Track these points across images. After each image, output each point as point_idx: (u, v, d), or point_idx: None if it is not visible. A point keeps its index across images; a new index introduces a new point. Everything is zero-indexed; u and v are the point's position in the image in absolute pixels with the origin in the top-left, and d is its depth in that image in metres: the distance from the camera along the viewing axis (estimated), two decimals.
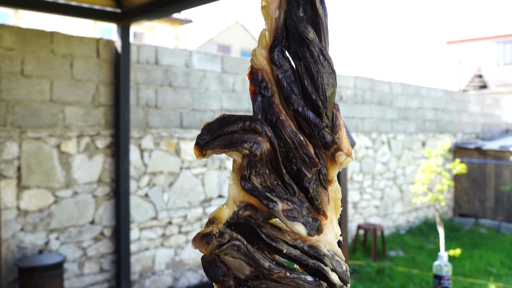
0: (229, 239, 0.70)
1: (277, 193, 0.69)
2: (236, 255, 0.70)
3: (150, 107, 5.95)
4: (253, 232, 0.71)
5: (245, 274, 0.71)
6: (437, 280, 2.60)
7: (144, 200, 5.94)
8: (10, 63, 4.92)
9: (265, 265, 0.70)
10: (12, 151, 4.93)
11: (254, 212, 0.71)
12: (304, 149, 0.69)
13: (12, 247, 4.94)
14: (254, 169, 0.68)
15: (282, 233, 0.71)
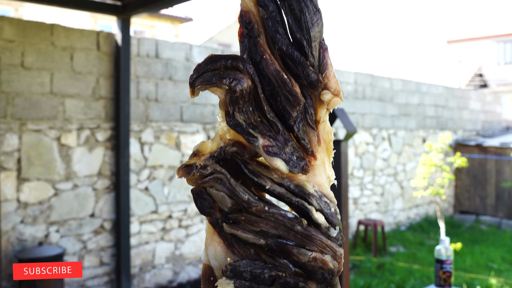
0: (212, 171, 0.72)
1: (260, 130, 0.70)
2: (219, 188, 0.72)
3: (150, 101, 5.95)
4: (238, 167, 0.72)
5: (227, 207, 0.73)
6: (439, 264, 2.59)
7: (144, 193, 5.93)
8: (10, 55, 4.91)
9: (244, 198, 0.72)
10: (12, 143, 4.92)
11: (241, 149, 0.72)
12: (287, 87, 0.70)
13: (12, 239, 4.94)
14: (237, 106, 0.69)
15: (269, 170, 0.72)
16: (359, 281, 6.21)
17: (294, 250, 0.71)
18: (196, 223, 6.43)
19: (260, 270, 0.72)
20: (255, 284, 0.72)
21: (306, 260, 0.71)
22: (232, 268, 0.71)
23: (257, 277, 0.72)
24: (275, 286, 0.72)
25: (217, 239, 0.75)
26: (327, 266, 0.71)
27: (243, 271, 0.71)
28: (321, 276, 0.72)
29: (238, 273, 0.71)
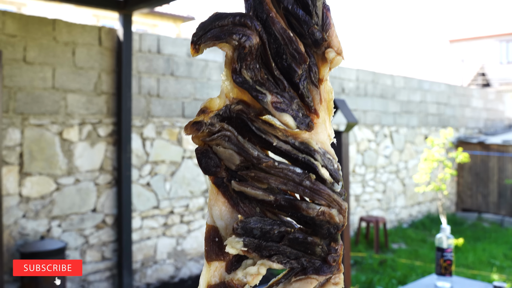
0: (219, 128, 0.72)
1: (267, 87, 0.71)
2: (226, 145, 0.72)
3: (152, 96, 5.96)
4: (244, 125, 0.73)
5: (235, 164, 0.72)
6: (440, 253, 2.59)
7: (146, 189, 5.94)
8: (12, 50, 4.93)
9: (254, 154, 0.72)
10: (14, 137, 4.93)
11: (246, 107, 0.72)
12: (293, 45, 0.70)
13: (14, 234, 4.95)
14: (245, 63, 0.69)
15: (274, 128, 0.73)
16: (361, 277, 6.21)
17: (303, 205, 0.72)
18: (198, 219, 6.43)
19: (270, 226, 0.73)
20: (263, 241, 0.73)
21: (314, 214, 0.71)
22: (243, 225, 0.72)
23: (266, 233, 0.72)
24: (284, 241, 0.73)
25: (222, 199, 0.75)
26: (333, 219, 0.72)
27: (253, 227, 0.72)
28: (326, 231, 0.73)
29: (249, 230, 0.72)
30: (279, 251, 0.73)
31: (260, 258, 0.73)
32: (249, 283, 0.74)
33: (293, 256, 0.73)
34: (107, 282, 5.65)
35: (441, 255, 2.60)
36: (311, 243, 0.73)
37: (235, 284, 0.74)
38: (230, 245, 0.72)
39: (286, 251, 0.73)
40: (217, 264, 0.76)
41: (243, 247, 0.72)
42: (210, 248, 0.76)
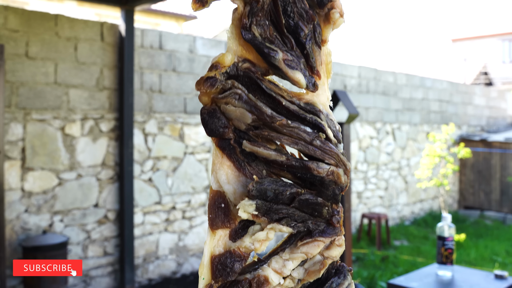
0: (231, 86, 0.70)
1: (276, 44, 0.70)
2: (237, 104, 0.71)
3: (154, 92, 5.96)
4: (252, 84, 0.72)
5: (246, 124, 0.71)
6: (441, 241, 2.59)
7: (148, 184, 5.94)
8: (14, 45, 4.94)
9: (268, 112, 0.71)
10: (17, 132, 4.94)
11: (253, 66, 0.72)
12: (301, 3, 0.70)
13: (16, 228, 4.96)
14: (255, 18, 0.68)
15: (279, 89, 0.72)
16: (362, 273, 6.21)
17: (314, 165, 0.71)
18: (200, 215, 6.43)
19: (283, 188, 0.72)
20: (274, 204, 0.72)
21: (324, 174, 0.71)
22: (258, 186, 0.71)
23: (279, 195, 0.72)
24: (294, 204, 0.72)
25: (227, 162, 0.74)
26: (340, 180, 0.72)
27: (268, 189, 0.71)
28: (331, 192, 0.72)
29: (263, 192, 0.71)
30: (288, 214, 0.72)
31: (269, 222, 0.72)
32: (256, 250, 0.73)
33: (300, 219, 0.73)
34: (109, 277, 5.66)
35: (442, 244, 2.59)
36: (320, 204, 0.73)
37: (241, 252, 0.73)
38: (243, 209, 0.71)
39: (294, 214, 0.73)
40: (221, 232, 0.75)
41: (255, 211, 0.71)
42: (215, 215, 0.74)
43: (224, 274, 0.73)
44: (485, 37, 28.32)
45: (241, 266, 0.74)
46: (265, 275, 0.74)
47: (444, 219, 2.61)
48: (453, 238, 2.58)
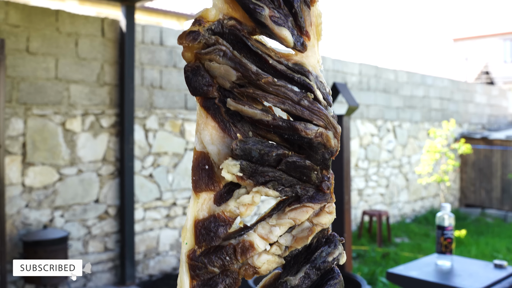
0: (215, 41, 0.69)
1: (263, 1, 0.68)
2: (221, 61, 0.68)
3: (155, 88, 5.97)
4: (238, 42, 0.70)
5: (231, 81, 0.69)
6: (440, 231, 2.59)
7: (149, 180, 5.95)
8: (15, 40, 4.94)
9: (253, 69, 0.68)
10: (17, 127, 4.95)
11: (239, 24, 0.70)
12: None
13: (17, 223, 4.96)
14: None
15: (267, 48, 0.71)
16: (363, 269, 6.20)
17: (301, 126, 0.69)
18: None
19: (269, 148, 0.69)
20: (260, 166, 0.70)
21: (312, 136, 0.69)
22: (242, 145, 0.69)
23: (264, 155, 0.69)
24: (281, 166, 0.70)
25: (212, 123, 0.72)
26: (329, 143, 0.70)
27: (252, 148, 0.69)
28: (321, 156, 0.70)
29: (247, 152, 0.69)
30: (274, 177, 0.70)
31: (254, 185, 0.70)
32: (241, 214, 0.71)
33: (288, 184, 0.71)
34: (110, 273, 5.67)
35: (441, 233, 2.59)
36: (309, 167, 0.71)
37: (226, 217, 0.71)
38: (226, 169, 0.69)
39: (281, 178, 0.71)
40: (205, 196, 0.72)
41: (239, 172, 0.69)
42: (199, 177, 0.72)
43: (208, 239, 0.72)
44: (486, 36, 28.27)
45: (225, 231, 0.72)
46: (250, 241, 0.72)
47: (443, 209, 2.61)
48: (452, 228, 2.58)
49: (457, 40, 29.68)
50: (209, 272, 0.72)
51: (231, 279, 0.72)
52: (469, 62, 26.12)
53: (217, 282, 0.72)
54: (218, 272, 0.72)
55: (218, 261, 0.71)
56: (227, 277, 0.72)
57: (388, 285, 5.44)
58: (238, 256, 0.71)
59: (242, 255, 0.71)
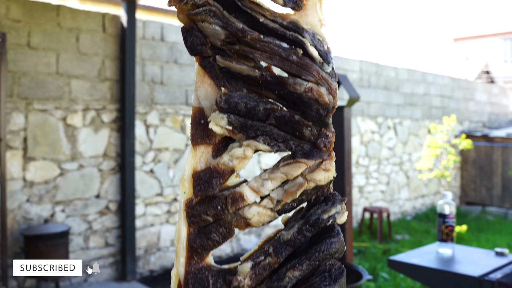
0: (204, 2, 0.70)
1: None
2: (211, 21, 0.71)
3: (156, 83, 5.97)
4: (230, 3, 0.71)
5: (220, 40, 0.71)
6: (441, 219, 2.59)
7: (150, 175, 5.95)
8: (16, 35, 4.95)
9: (239, 26, 0.70)
10: (19, 122, 4.96)
11: None
12: None
13: (18, 218, 4.97)
14: None
15: (262, 8, 0.72)
16: (364, 264, 6.20)
17: (289, 81, 0.70)
18: None
19: (255, 103, 0.71)
20: (249, 119, 0.71)
21: (302, 91, 0.69)
22: (227, 98, 0.70)
23: (251, 110, 0.71)
24: (270, 120, 0.71)
25: (208, 80, 0.74)
26: (322, 98, 0.70)
27: (238, 102, 0.71)
28: (316, 112, 0.71)
29: (233, 105, 0.71)
30: (265, 132, 0.72)
31: (245, 139, 0.72)
32: (235, 167, 0.73)
33: (281, 139, 0.72)
34: (111, 268, 5.67)
35: (442, 221, 2.59)
36: (298, 122, 0.71)
37: (220, 169, 0.73)
38: (214, 122, 0.71)
39: (273, 132, 0.72)
40: (203, 149, 0.75)
41: (228, 125, 0.71)
42: (195, 131, 0.75)
43: (203, 189, 0.74)
44: (487, 36, 28.26)
45: (219, 182, 0.74)
46: (241, 192, 0.74)
47: (444, 197, 2.61)
48: (453, 216, 2.59)
49: (457, 39, 29.69)
50: (203, 220, 0.74)
51: (225, 228, 0.75)
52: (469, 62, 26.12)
53: (211, 230, 0.75)
54: (211, 221, 0.75)
55: (211, 210, 0.74)
56: (221, 227, 0.75)
57: (388, 280, 5.45)
58: (228, 206, 0.73)
59: (232, 206, 0.73)
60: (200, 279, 0.74)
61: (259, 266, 0.72)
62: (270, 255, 0.72)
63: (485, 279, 2.13)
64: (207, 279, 0.74)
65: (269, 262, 0.72)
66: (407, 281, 5.43)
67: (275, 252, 0.72)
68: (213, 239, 0.75)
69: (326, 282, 0.71)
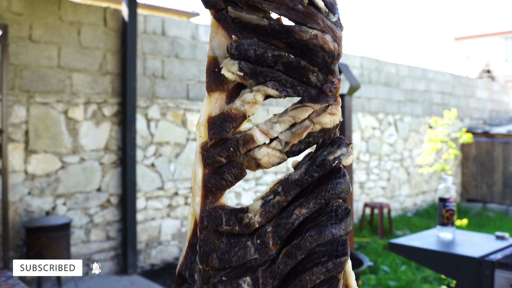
0: None
1: None
2: None
3: (157, 77, 5.99)
4: None
5: None
6: (442, 203, 2.60)
7: (151, 169, 5.96)
8: (18, 28, 4.97)
9: None
10: (20, 115, 4.97)
11: None
12: None
13: (19, 211, 4.98)
14: None
15: None
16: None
17: (296, 28, 0.73)
18: None
19: (264, 49, 0.75)
20: (258, 66, 0.75)
21: (307, 38, 0.73)
22: (237, 45, 0.75)
23: (260, 56, 0.75)
24: (278, 66, 0.75)
25: (221, 31, 0.79)
26: (327, 45, 0.73)
27: (247, 49, 0.75)
28: (321, 59, 0.74)
29: (243, 52, 0.75)
30: (274, 77, 0.75)
31: (256, 85, 0.76)
32: (246, 111, 0.77)
33: (289, 84, 0.76)
34: (112, 262, 5.68)
35: (443, 205, 2.60)
36: (304, 67, 0.75)
37: (233, 114, 0.77)
38: (226, 68, 0.75)
39: (281, 78, 0.76)
40: (217, 95, 0.80)
41: (239, 71, 0.75)
42: (210, 78, 0.79)
43: (217, 133, 0.80)
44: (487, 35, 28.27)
45: (232, 126, 0.79)
46: (251, 134, 0.78)
47: (445, 181, 2.62)
48: (454, 200, 2.60)
49: (458, 39, 29.70)
50: (217, 161, 0.80)
51: (237, 169, 0.80)
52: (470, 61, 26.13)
53: (224, 171, 0.80)
54: (224, 162, 0.80)
55: (224, 152, 0.79)
56: (233, 167, 0.80)
57: (389, 273, 5.45)
58: (240, 147, 0.78)
59: (243, 147, 0.78)
60: (214, 217, 0.80)
61: (268, 204, 0.77)
62: (279, 194, 0.77)
63: (486, 259, 2.13)
64: (221, 217, 0.79)
65: (278, 201, 0.76)
66: (408, 274, 5.44)
67: (284, 191, 0.77)
68: (226, 179, 0.80)
69: (333, 221, 0.74)
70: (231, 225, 0.79)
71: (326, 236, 0.74)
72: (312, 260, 0.76)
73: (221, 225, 0.79)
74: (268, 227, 0.77)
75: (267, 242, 0.77)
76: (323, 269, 0.75)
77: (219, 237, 0.81)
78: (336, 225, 0.74)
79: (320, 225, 0.74)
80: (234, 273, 0.80)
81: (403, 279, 5.24)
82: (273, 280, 0.77)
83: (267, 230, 0.77)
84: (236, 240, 0.79)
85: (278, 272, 0.77)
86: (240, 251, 0.78)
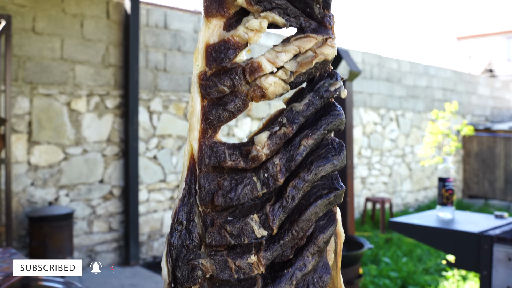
0: None
1: None
2: None
3: (159, 70, 6.01)
4: None
5: None
6: (442, 183, 2.62)
7: (153, 162, 5.99)
8: (21, 20, 5.00)
9: None
10: (23, 106, 5.00)
11: None
12: None
13: (22, 201, 5.01)
14: None
15: None
16: (366, 252, 6.22)
17: None
18: None
19: None
20: None
21: None
22: None
23: None
24: None
25: None
26: None
27: None
28: None
29: None
30: (280, 5, 0.76)
31: (262, 11, 0.76)
32: (249, 39, 0.76)
33: (293, 14, 0.77)
34: (114, 253, 5.71)
35: (443, 185, 2.62)
36: None
37: (235, 41, 0.77)
38: None
39: (287, 7, 0.77)
40: (216, 22, 0.78)
41: None
42: (210, 2, 0.77)
43: (218, 61, 0.77)
44: (490, 35, 28.23)
45: (235, 53, 0.77)
46: (259, 61, 0.77)
47: (445, 161, 2.64)
48: (453, 180, 2.61)
49: (460, 38, 29.67)
50: (219, 91, 0.77)
51: (240, 100, 0.78)
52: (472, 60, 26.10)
53: (227, 102, 0.78)
54: (227, 92, 0.78)
55: (228, 81, 0.77)
56: (236, 98, 0.78)
57: (390, 264, 5.47)
58: (247, 75, 0.77)
59: (251, 75, 0.76)
60: (216, 152, 0.79)
61: (275, 135, 0.76)
62: (284, 125, 0.76)
63: (484, 234, 2.15)
64: (223, 152, 0.77)
65: (284, 132, 0.76)
66: (409, 265, 5.45)
67: (289, 122, 0.76)
68: (229, 110, 0.78)
69: (333, 152, 0.75)
70: (235, 160, 0.77)
71: (329, 167, 0.75)
72: (314, 194, 0.77)
73: (224, 160, 0.78)
74: (275, 159, 0.76)
75: (275, 176, 0.76)
76: (326, 201, 0.76)
77: (220, 174, 0.80)
78: (336, 156, 0.76)
79: (322, 157, 0.76)
80: (238, 212, 0.78)
81: (404, 270, 5.26)
82: (283, 215, 0.77)
83: (275, 162, 0.76)
84: (241, 176, 0.77)
85: (287, 206, 0.76)
86: (247, 187, 0.77)
